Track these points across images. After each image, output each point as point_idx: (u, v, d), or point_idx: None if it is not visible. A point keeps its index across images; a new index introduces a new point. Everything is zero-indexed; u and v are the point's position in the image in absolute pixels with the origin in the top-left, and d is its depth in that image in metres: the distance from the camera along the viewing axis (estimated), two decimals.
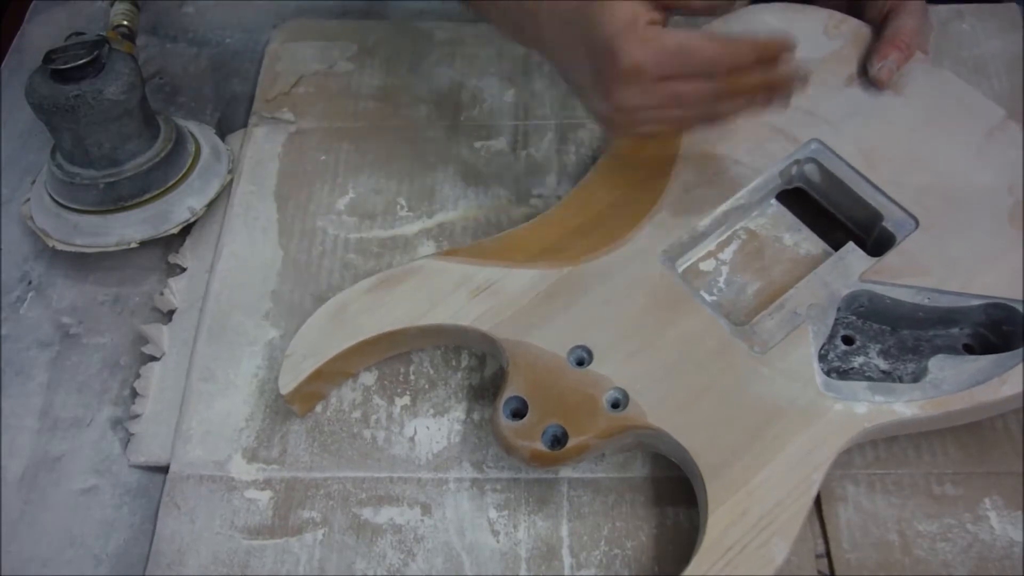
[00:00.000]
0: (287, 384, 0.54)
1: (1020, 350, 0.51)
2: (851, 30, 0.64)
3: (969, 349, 0.55)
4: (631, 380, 0.52)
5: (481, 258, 0.57)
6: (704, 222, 0.58)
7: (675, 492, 0.53)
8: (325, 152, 0.69)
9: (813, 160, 0.60)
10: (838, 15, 0.65)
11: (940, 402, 0.50)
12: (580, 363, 0.53)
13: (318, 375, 0.55)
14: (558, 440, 0.51)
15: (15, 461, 0.57)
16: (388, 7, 0.81)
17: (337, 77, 0.74)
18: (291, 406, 0.55)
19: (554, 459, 0.51)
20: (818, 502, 0.52)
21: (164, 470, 0.56)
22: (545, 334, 0.54)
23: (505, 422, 0.51)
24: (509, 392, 0.52)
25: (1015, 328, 0.53)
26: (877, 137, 0.60)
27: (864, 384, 0.52)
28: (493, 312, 0.55)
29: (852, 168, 0.59)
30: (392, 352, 0.58)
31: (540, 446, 0.50)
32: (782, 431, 0.50)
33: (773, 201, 0.61)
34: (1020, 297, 0.53)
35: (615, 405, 0.52)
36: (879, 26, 0.63)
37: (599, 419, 0.51)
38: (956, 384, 0.51)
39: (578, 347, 0.53)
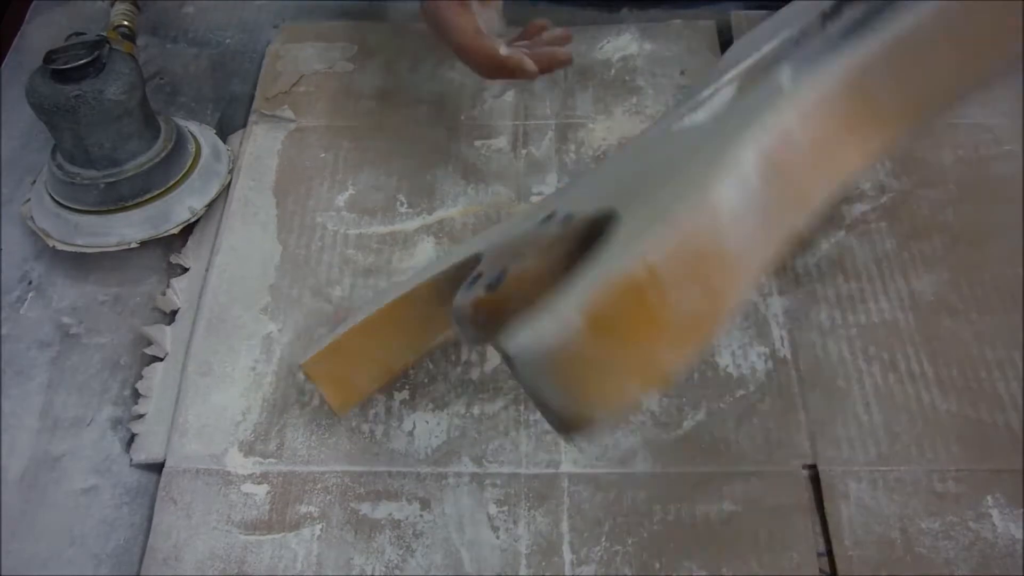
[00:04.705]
0: (305, 355, 0.53)
1: None
2: None
3: None
4: (577, 204, 0.46)
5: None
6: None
7: (676, 488, 0.52)
8: (325, 149, 0.69)
9: None
10: None
11: None
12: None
13: (336, 350, 0.53)
14: (498, 282, 0.43)
15: (15, 461, 0.57)
16: (389, 6, 0.81)
17: (338, 77, 0.74)
18: (319, 389, 0.54)
19: (494, 302, 0.43)
20: (819, 500, 0.52)
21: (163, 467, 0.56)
22: None
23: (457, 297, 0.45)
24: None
25: None
26: None
27: None
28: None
29: None
30: (421, 336, 0.55)
31: (480, 293, 0.43)
32: None
33: None
34: None
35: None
36: None
37: (542, 240, 0.44)
38: None
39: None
